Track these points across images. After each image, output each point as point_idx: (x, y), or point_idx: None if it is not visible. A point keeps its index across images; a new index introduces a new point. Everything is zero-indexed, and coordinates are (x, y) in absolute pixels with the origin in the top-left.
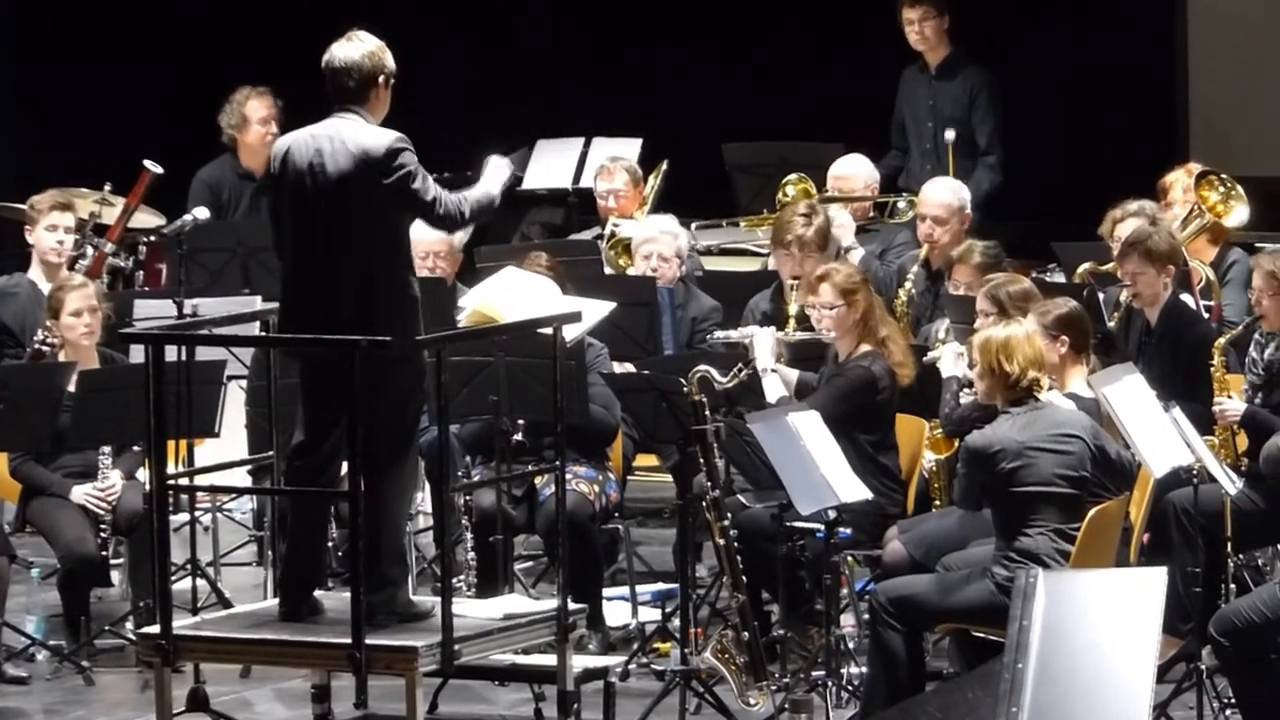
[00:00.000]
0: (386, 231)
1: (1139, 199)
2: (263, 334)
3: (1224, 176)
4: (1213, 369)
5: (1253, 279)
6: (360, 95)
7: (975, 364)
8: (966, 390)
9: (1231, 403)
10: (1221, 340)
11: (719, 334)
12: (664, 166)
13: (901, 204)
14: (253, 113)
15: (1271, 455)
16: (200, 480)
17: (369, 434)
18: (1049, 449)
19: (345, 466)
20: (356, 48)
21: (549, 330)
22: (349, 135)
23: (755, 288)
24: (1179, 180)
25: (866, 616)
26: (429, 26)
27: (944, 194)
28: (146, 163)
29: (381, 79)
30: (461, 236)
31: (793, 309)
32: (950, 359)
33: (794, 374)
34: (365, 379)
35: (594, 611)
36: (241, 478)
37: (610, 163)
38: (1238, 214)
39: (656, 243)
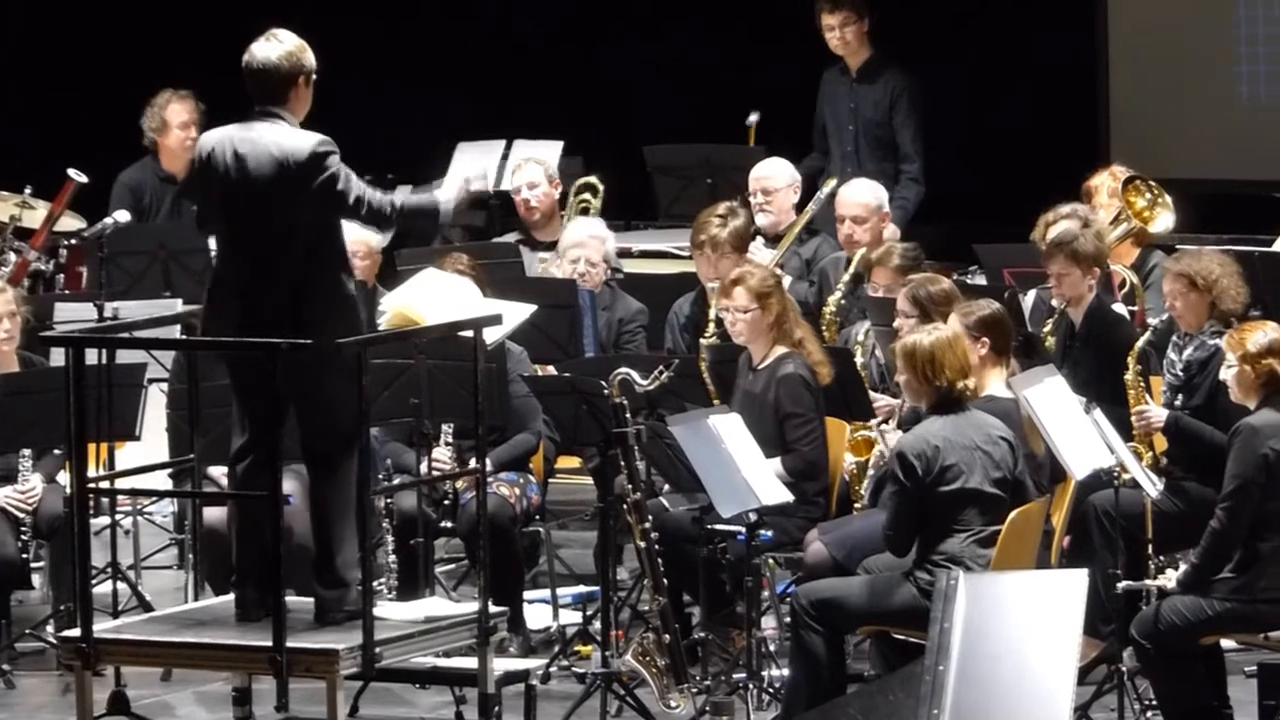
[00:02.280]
0: (315, 232)
1: (1064, 202)
2: (184, 337)
3: (1151, 183)
4: (1128, 377)
5: (1163, 284)
6: (280, 95)
7: (899, 371)
8: (876, 395)
9: (1153, 409)
10: (1138, 345)
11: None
12: (600, 187)
13: (824, 191)
14: (173, 116)
15: (1219, 529)
16: (121, 483)
17: (314, 434)
18: (979, 448)
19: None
20: (275, 48)
21: (470, 333)
22: (270, 139)
23: (679, 290)
24: (1104, 183)
25: (788, 619)
26: (353, 28)
27: (862, 194)
28: (71, 171)
29: (301, 78)
30: (381, 239)
31: (713, 312)
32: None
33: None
34: (305, 380)
35: (514, 614)
36: (162, 481)
37: (526, 160)
38: (1163, 221)
39: (584, 247)
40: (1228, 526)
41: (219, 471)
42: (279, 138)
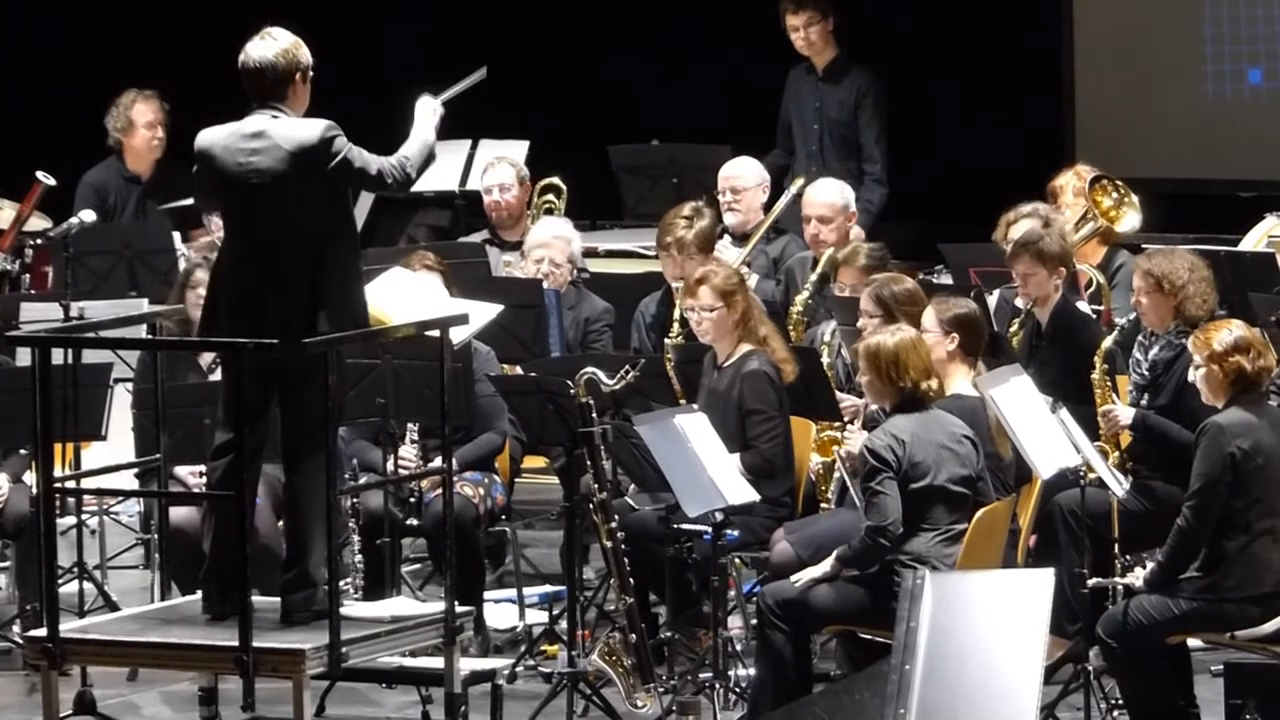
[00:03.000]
0: (333, 220)
1: (1029, 201)
2: (150, 337)
3: (1118, 182)
4: (1094, 377)
5: (1133, 280)
6: (279, 93)
7: (861, 372)
8: (842, 395)
9: (1120, 408)
10: (1105, 345)
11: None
12: (564, 188)
13: (791, 191)
14: (139, 117)
15: (1185, 526)
16: (87, 483)
17: (295, 434)
18: (945, 445)
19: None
20: (270, 46)
21: (436, 333)
22: (280, 133)
23: (645, 289)
24: (1069, 183)
25: (754, 619)
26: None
27: (829, 194)
28: (39, 174)
29: (299, 75)
30: None
31: (678, 312)
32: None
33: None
34: (292, 377)
35: (475, 615)
36: (128, 481)
37: (496, 159)
38: (1129, 220)
39: (549, 248)
40: (1194, 525)
41: (185, 471)
42: (288, 130)
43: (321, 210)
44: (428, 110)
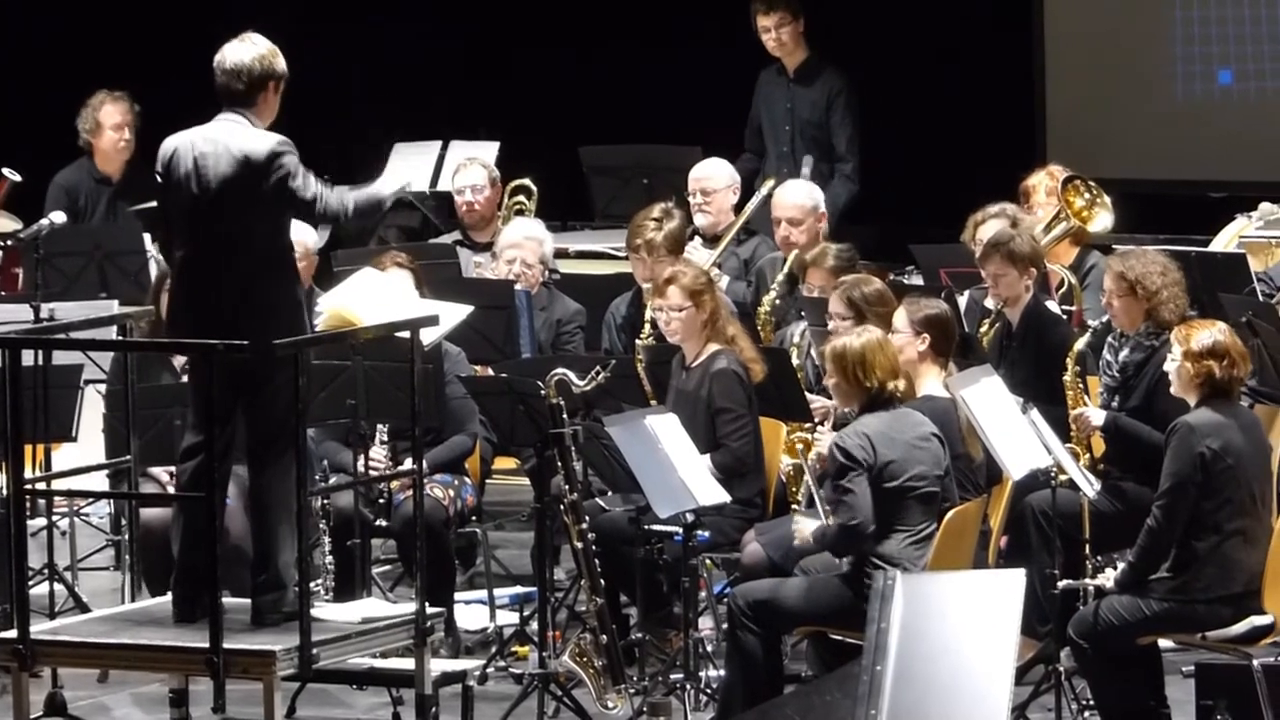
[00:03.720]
0: (267, 236)
1: (999, 202)
2: (120, 338)
3: (1090, 183)
4: (1066, 379)
5: (1104, 281)
6: (249, 98)
7: (828, 374)
8: (812, 395)
9: (1092, 410)
10: (1077, 346)
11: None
12: (535, 190)
13: (762, 192)
14: (106, 118)
15: (1155, 526)
16: (58, 484)
17: (260, 435)
18: (914, 444)
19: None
20: (249, 50)
21: (406, 334)
22: (232, 140)
23: (616, 290)
24: (1042, 183)
25: (725, 620)
26: (292, 29)
27: (798, 196)
28: (5, 170)
29: (272, 83)
30: (317, 239)
31: (648, 313)
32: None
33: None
34: (253, 379)
35: (446, 616)
36: (99, 482)
37: (468, 160)
38: (1101, 220)
39: (521, 248)
40: (1163, 525)
41: (157, 471)
42: (240, 139)
43: (263, 222)
44: (397, 177)
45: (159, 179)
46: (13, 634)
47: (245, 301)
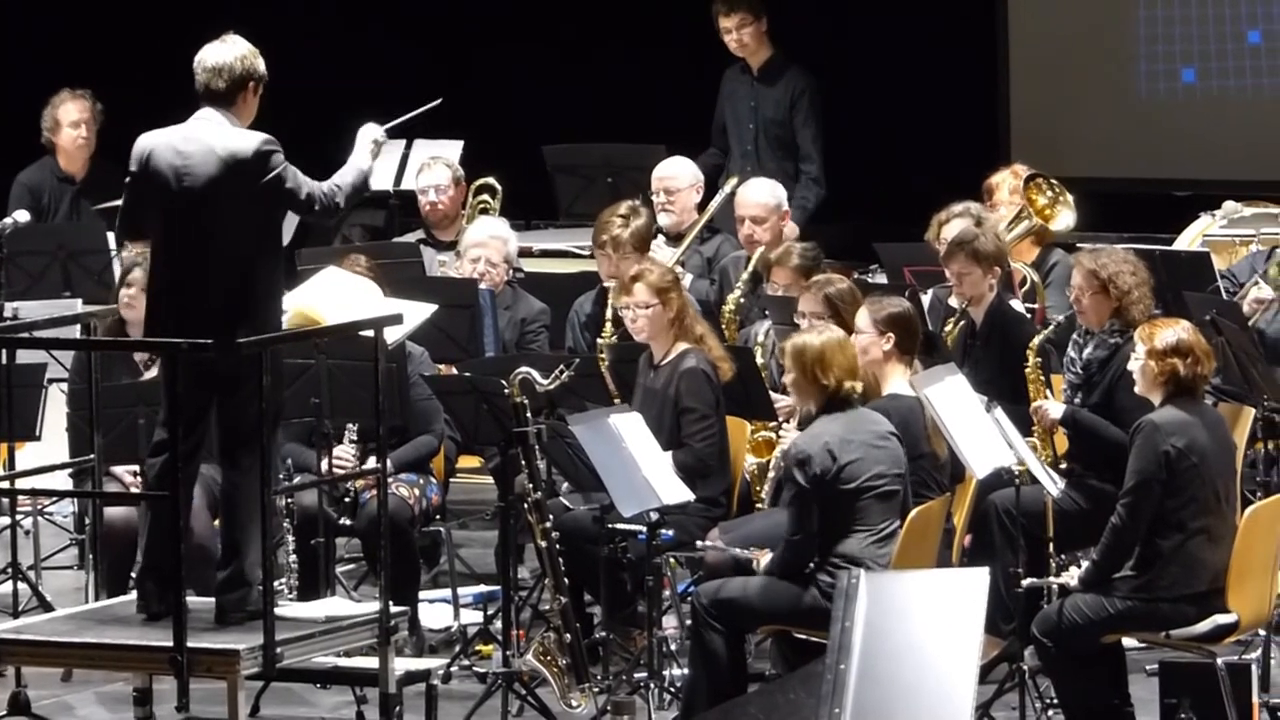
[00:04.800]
0: (256, 234)
1: (963, 201)
2: (84, 337)
3: (1053, 181)
4: (1028, 370)
5: (1072, 277)
6: (229, 98)
7: (787, 369)
8: (776, 395)
9: (1051, 404)
10: (1036, 340)
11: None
12: (499, 188)
13: (725, 190)
14: (64, 116)
15: (1119, 525)
16: (21, 484)
17: (232, 435)
18: (872, 445)
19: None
20: (229, 50)
21: (370, 333)
22: (215, 139)
23: (580, 289)
24: (1005, 181)
25: (689, 618)
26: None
27: (761, 195)
28: None
29: (252, 84)
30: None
31: (609, 311)
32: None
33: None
34: (227, 378)
35: (410, 615)
36: (63, 481)
37: (431, 160)
38: (1064, 219)
39: (485, 247)
40: (1128, 523)
41: (120, 470)
42: (223, 138)
43: (249, 222)
44: (368, 139)
45: (132, 177)
46: None
47: (235, 300)
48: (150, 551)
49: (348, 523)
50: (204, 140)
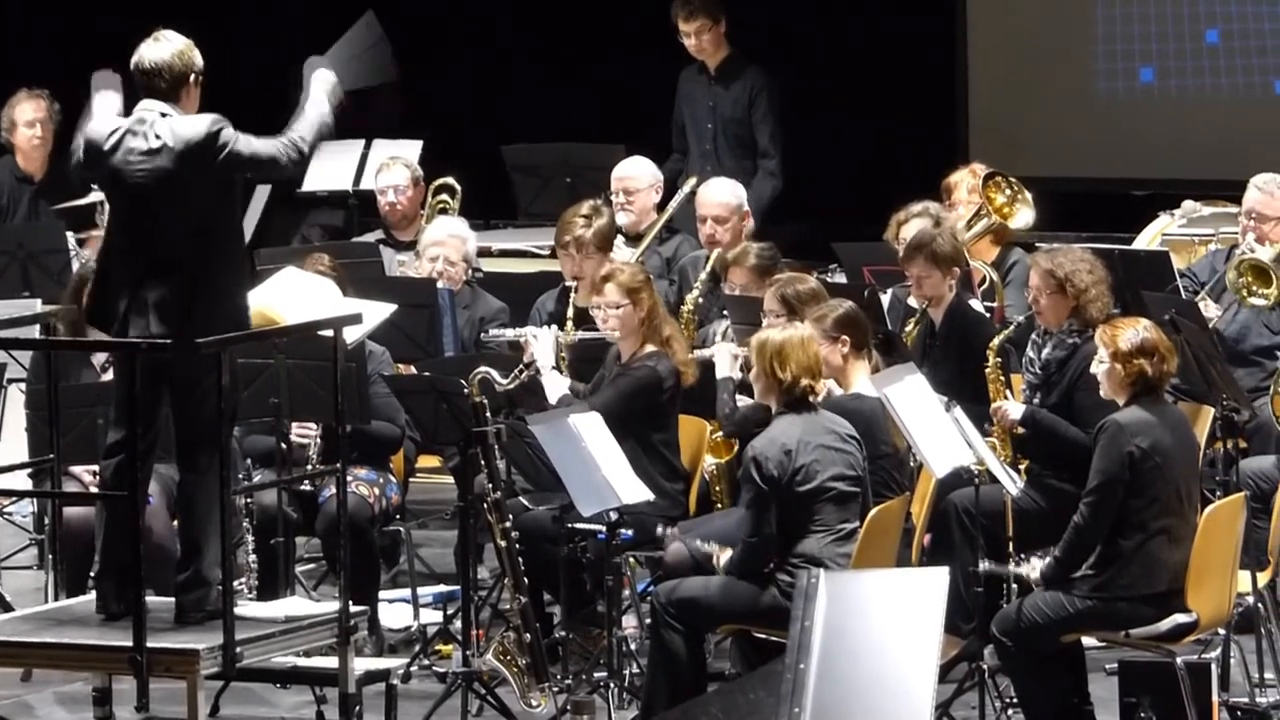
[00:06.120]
0: (213, 223)
1: (922, 200)
2: (43, 337)
3: (1011, 179)
4: (988, 370)
5: (1030, 277)
6: (172, 94)
7: (753, 366)
8: (740, 396)
9: (1011, 404)
10: (996, 341)
11: (495, 331)
12: (458, 188)
13: (684, 190)
14: (20, 115)
15: (1082, 524)
16: None
17: (190, 433)
18: (830, 446)
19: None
20: (166, 48)
21: (330, 332)
22: (169, 132)
23: (539, 289)
24: (964, 180)
25: (648, 618)
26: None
27: (723, 194)
28: None
29: (192, 77)
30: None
31: (572, 310)
32: (725, 360)
33: (565, 381)
34: (182, 377)
35: (370, 614)
36: (22, 481)
37: (390, 160)
38: (1023, 216)
39: (444, 246)
40: (1090, 522)
41: (79, 470)
42: (174, 128)
43: (209, 210)
44: (322, 82)
45: (76, 169)
46: None
47: (191, 294)
48: (107, 551)
49: (295, 515)
50: (159, 134)
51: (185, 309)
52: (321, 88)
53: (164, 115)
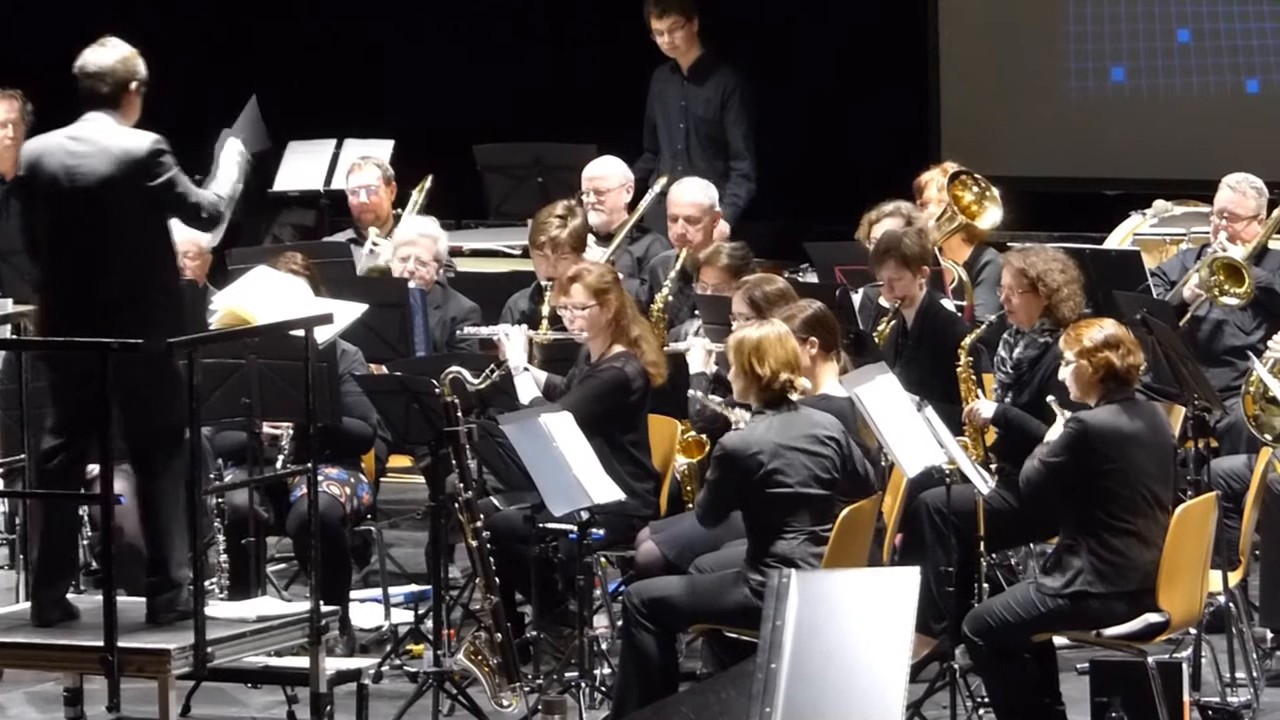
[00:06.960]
0: (151, 232)
1: (893, 199)
2: (13, 337)
3: (978, 177)
4: (959, 370)
5: (1002, 276)
6: (113, 100)
7: (731, 364)
8: (713, 395)
9: (983, 404)
10: (968, 340)
11: (468, 329)
12: (428, 183)
13: (655, 189)
14: None
15: (1028, 477)
16: None
17: (138, 435)
18: (805, 449)
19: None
20: (110, 53)
21: (301, 332)
22: (106, 138)
23: (511, 288)
24: (934, 179)
25: (620, 618)
26: (175, 26)
27: (695, 194)
28: None
29: (134, 85)
30: (211, 238)
31: (546, 309)
32: (699, 355)
33: (543, 375)
34: (125, 381)
35: (341, 614)
36: None
37: (362, 160)
38: (991, 215)
39: (415, 245)
40: (1035, 482)
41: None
42: (115, 137)
43: (142, 220)
44: (234, 153)
45: (19, 182)
46: None
47: (125, 301)
48: (45, 557)
49: (267, 515)
50: (95, 139)
51: (122, 313)
52: (233, 158)
53: (106, 124)
